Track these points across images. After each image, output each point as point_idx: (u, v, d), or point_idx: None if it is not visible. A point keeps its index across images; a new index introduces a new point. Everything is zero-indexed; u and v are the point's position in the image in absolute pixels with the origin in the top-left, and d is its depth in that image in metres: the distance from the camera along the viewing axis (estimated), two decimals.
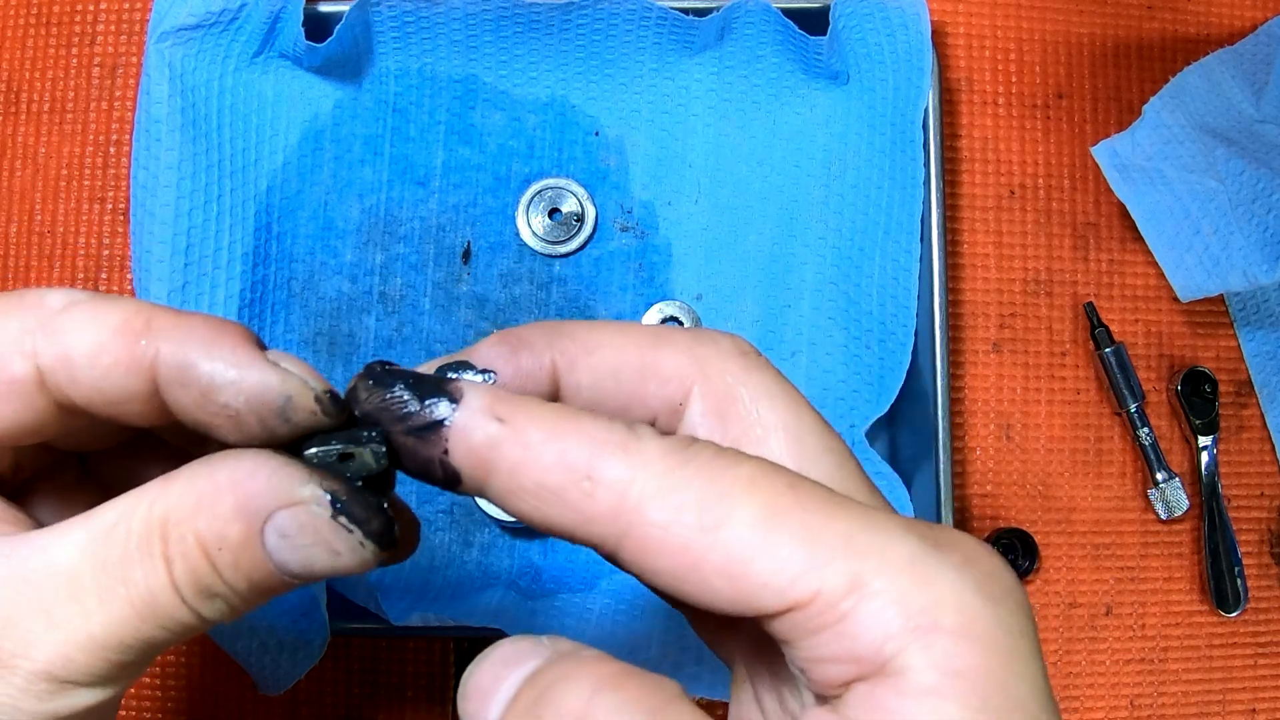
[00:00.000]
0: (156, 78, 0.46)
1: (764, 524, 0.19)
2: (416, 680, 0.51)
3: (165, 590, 0.22)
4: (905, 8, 0.47)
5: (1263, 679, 0.54)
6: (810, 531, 0.19)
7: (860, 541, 0.19)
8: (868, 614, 0.18)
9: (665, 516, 0.19)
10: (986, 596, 0.19)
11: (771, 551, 0.19)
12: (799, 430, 0.23)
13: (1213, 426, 0.53)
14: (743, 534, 0.19)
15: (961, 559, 0.19)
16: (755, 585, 0.19)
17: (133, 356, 0.22)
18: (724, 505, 0.19)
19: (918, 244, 0.47)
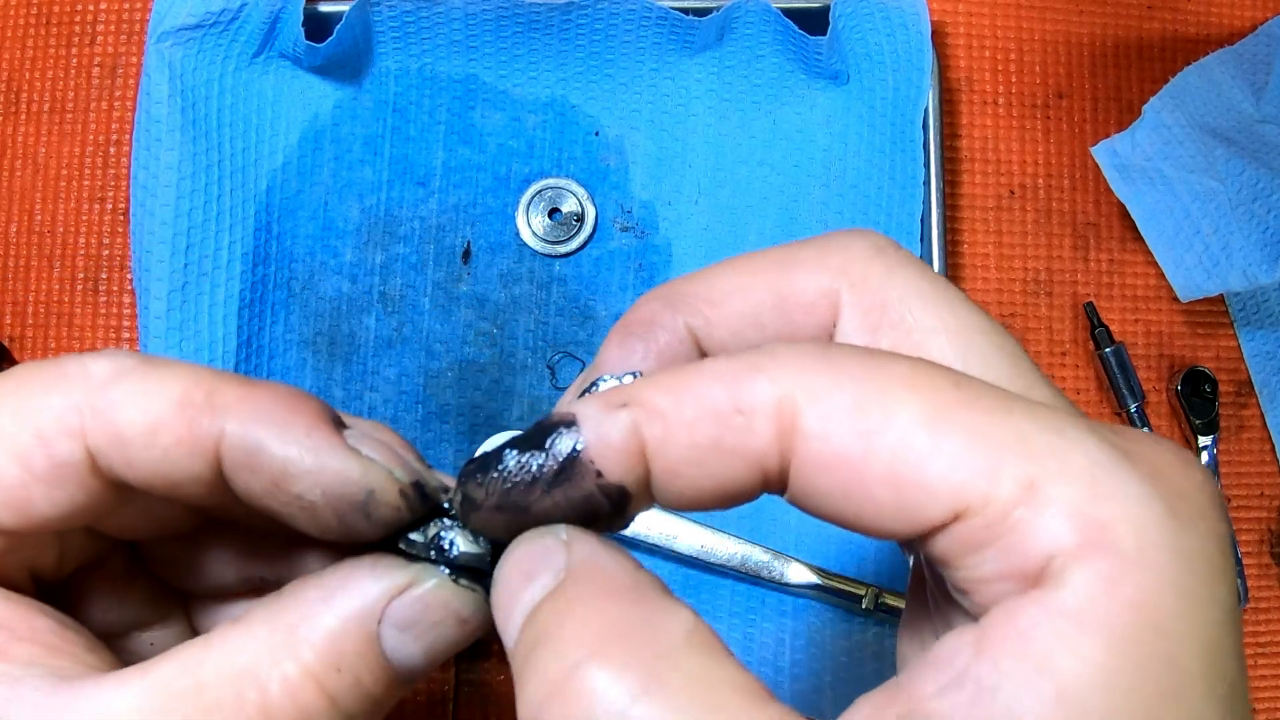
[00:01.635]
0: (156, 78, 0.46)
1: (928, 425, 0.16)
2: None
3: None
4: (905, 8, 0.47)
5: (1263, 679, 0.54)
6: (980, 432, 0.16)
7: (1038, 443, 0.16)
8: (1039, 525, 0.16)
9: (823, 425, 0.17)
10: (1174, 517, 0.16)
11: (938, 454, 0.16)
12: (961, 329, 0.20)
13: (1213, 426, 0.53)
14: (905, 437, 0.16)
15: (1151, 470, 0.16)
16: (923, 493, 0.16)
17: (195, 435, 0.19)
18: (882, 406, 0.17)
19: (918, 244, 0.47)
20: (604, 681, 0.16)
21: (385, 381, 0.50)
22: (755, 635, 0.47)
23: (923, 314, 0.20)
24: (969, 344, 0.19)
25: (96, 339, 0.52)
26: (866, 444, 0.17)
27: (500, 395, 0.51)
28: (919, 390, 0.17)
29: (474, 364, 0.51)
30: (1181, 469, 0.17)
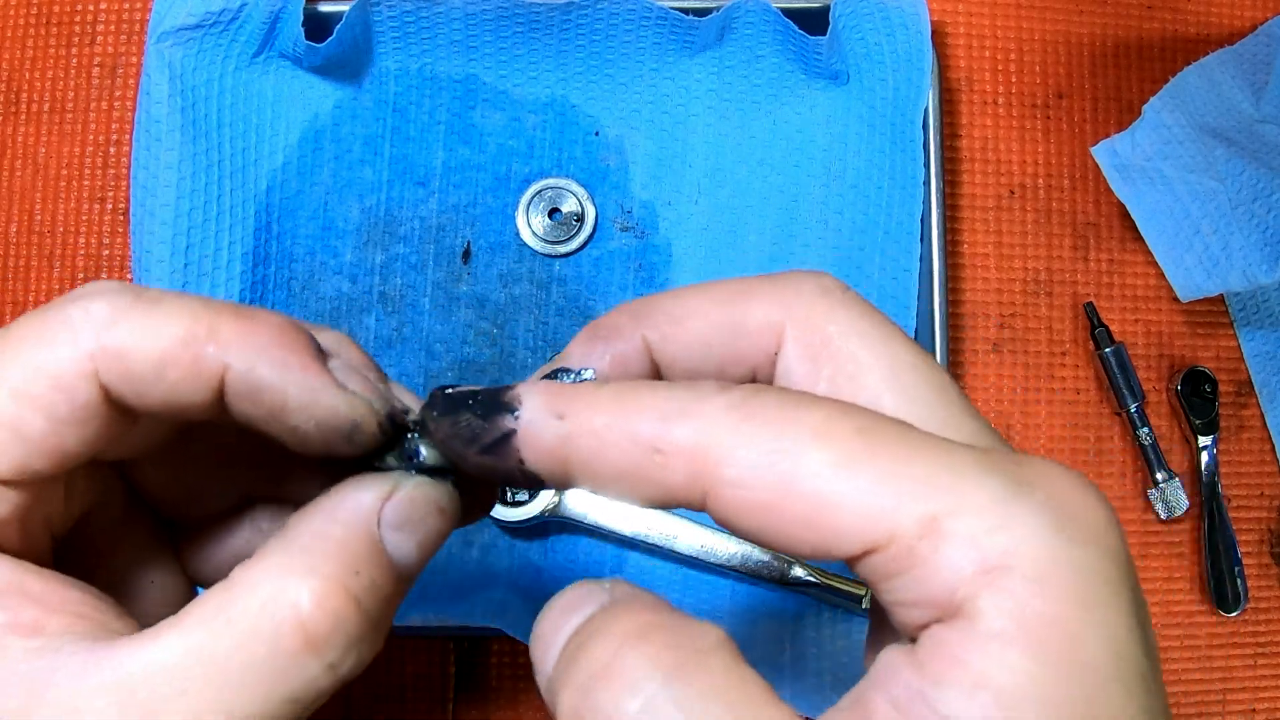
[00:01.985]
0: (156, 78, 0.46)
1: (835, 472, 0.18)
2: (416, 680, 0.51)
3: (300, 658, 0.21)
4: (905, 8, 0.47)
5: (1263, 679, 0.54)
6: (884, 475, 0.18)
7: (938, 482, 0.18)
8: (942, 557, 0.18)
9: (738, 474, 0.19)
10: (1068, 539, 0.18)
11: (845, 498, 0.18)
12: (893, 364, 0.21)
13: (1213, 426, 0.53)
14: (816, 484, 0.18)
15: (1046, 497, 0.18)
16: (832, 532, 0.18)
17: (200, 369, 0.22)
18: (794, 457, 0.19)
19: (918, 244, 0.47)
20: (642, 663, 0.18)
21: None
22: (755, 635, 0.47)
23: (859, 349, 0.22)
24: (899, 378, 0.21)
25: None
26: (780, 491, 0.19)
27: None
28: (830, 438, 0.19)
29: (474, 364, 0.51)
30: (1077, 495, 0.19)
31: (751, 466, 0.19)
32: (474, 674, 0.51)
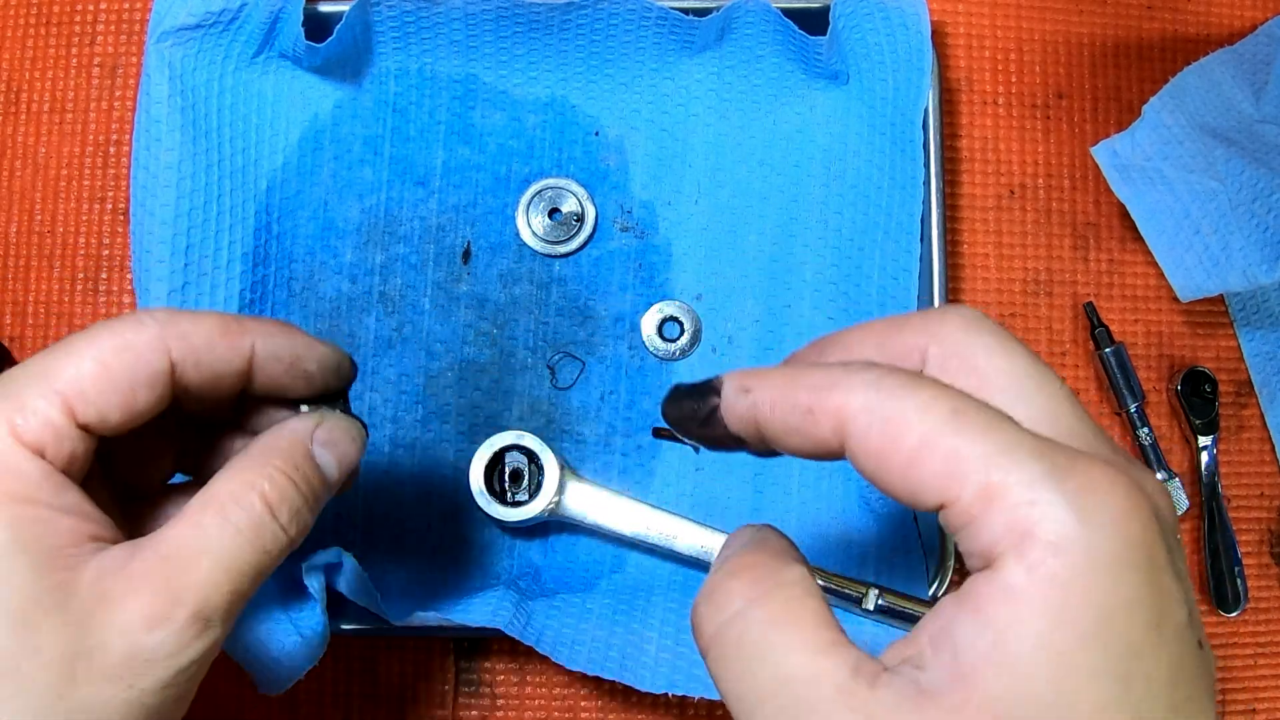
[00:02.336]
0: (156, 78, 0.46)
1: (925, 439, 0.24)
2: (416, 680, 0.51)
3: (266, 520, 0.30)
4: (905, 8, 0.47)
5: (1263, 679, 0.54)
6: (960, 447, 0.23)
7: (997, 461, 0.23)
8: (987, 521, 0.23)
9: (862, 431, 0.25)
10: (1083, 520, 0.22)
11: (929, 460, 0.24)
12: (1012, 373, 0.26)
13: (1213, 426, 0.53)
14: (911, 443, 0.24)
15: (1077, 486, 0.23)
16: (919, 486, 0.24)
17: (237, 345, 0.31)
18: (900, 422, 0.24)
19: (918, 244, 0.47)
20: (733, 589, 0.26)
21: (385, 382, 0.50)
22: None
23: (984, 361, 0.27)
24: (1017, 383, 0.26)
25: None
26: (888, 447, 0.24)
27: (500, 395, 0.51)
28: (929, 411, 0.24)
29: (474, 364, 0.51)
30: (1107, 486, 0.23)
31: (871, 425, 0.24)
32: (474, 674, 0.51)
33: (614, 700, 0.51)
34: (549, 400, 0.51)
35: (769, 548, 0.28)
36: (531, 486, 0.47)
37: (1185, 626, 0.23)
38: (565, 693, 0.51)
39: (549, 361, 0.51)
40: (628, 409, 0.51)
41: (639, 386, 0.51)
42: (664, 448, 0.51)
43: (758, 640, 0.25)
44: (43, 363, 0.29)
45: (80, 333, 0.30)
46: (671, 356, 0.51)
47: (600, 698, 0.51)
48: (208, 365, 0.31)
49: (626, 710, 0.51)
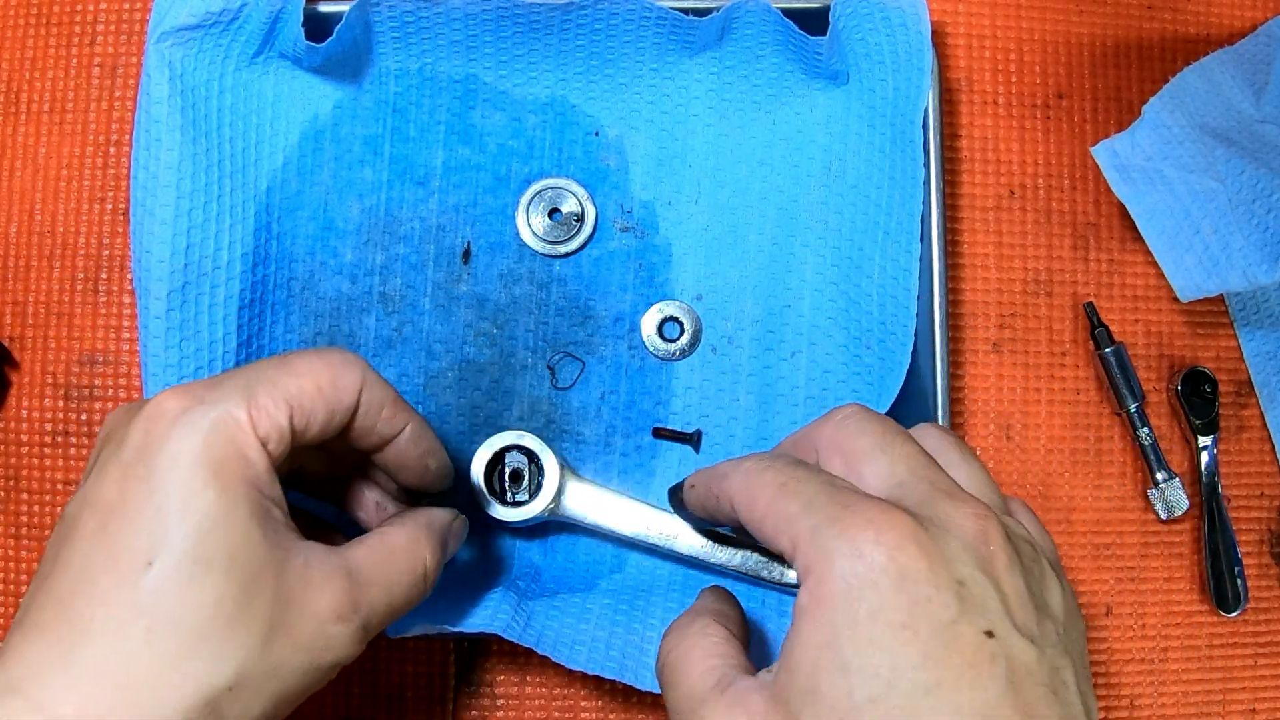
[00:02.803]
0: (156, 78, 0.46)
1: (766, 510, 0.33)
2: (416, 680, 0.51)
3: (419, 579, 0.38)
4: (905, 8, 0.47)
5: (1263, 679, 0.54)
6: (781, 514, 0.33)
7: (798, 520, 0.32)
8: (796, 562, 0.31)
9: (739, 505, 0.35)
10: (839, 554, 0.30)
11: (768, 524, 0.33)
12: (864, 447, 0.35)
13: (1213, 426, 0.53)
14: (760, 513, 0.33)
15: (841, 530, 0.30)
16: (771, 541, 0.33)
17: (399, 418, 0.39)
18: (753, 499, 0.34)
19: (918, 244, 0.47)
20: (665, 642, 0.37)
21: None
22: (755, 635, 0.47)
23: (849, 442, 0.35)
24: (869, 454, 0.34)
25: (96, 339, 0.52)
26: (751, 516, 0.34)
27: (500, 395, 0.51)
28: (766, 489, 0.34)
29: (474, 364, 0.51)
30: (863, 527, 0.30)
31: (740, 501, 0.35)
32: (474, 674, 0.51)
33: (614, 700, 0.51)
34: (549, 400, 0.51)
35: (696, 608, 0.38)
36: (531, 486, 0.47)
37: (953, 621, 0.29)
38: (565, 693, 0.51)
39: (549, 361, 0.51)
40: (628, 409, 0.51)
41: (639, 386, 0.51)
42: (664, 448, 0.51)
43: (672, 671, 0.35)
44: (270, 372, 0.34)
45: (297, 355, 0.36)
46: (671, 356, 0.51)
47: (600, 698, 0.51)
48: (373, 420, 0.37)
49: (626, 710, 0.51)
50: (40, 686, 0.30)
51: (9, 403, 0.52)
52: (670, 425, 0.51)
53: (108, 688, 0.30)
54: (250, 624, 0.32)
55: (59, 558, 0.32)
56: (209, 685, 0.31)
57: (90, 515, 0.32)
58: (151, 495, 0.31)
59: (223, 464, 0.32)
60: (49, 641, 0.30)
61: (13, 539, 0.51)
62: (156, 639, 0.30)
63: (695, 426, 0.51)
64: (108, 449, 0.33)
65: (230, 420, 0.33)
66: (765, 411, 0.51)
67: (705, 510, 0.39)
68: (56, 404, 0.52)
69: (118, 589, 0.30)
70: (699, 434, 0.51)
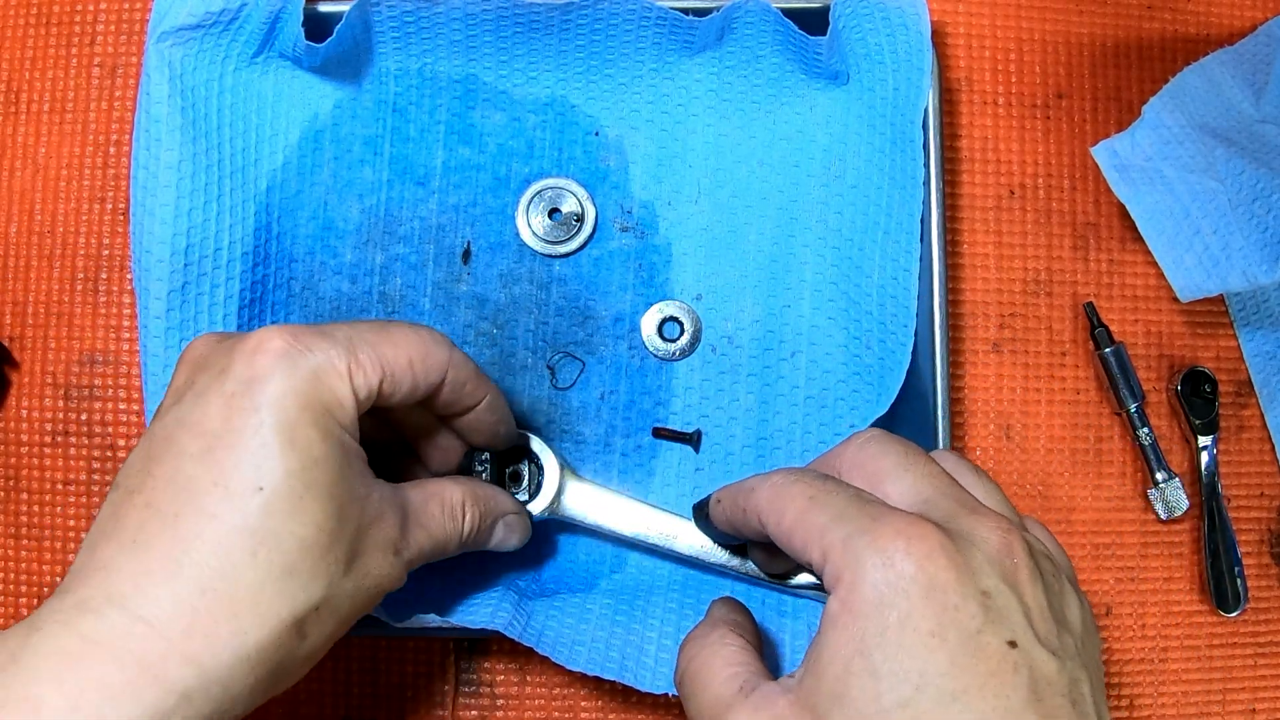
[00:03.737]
0: (156, 78, 0.46)
1: (795, 521, 0.35)
2: (416, 680, 0.51)
3: (456, 532, 0.41)
4: (905, 8, 0.47)
5: (1263, 679, 0.54)
6: (811, 525, 0.34)
7: (829, 530, 0.33)
8: (826, 571, 0.33)
9: (766, 518, 0.37)
10: (871, 564, 0.31)
11: (797, 536, 0.35)
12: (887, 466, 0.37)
13: (1213, 426, 0.53)
14: (789, 525, 0.35)
15: (871, 540, 0.32)
16: (799, 553, 0.35)
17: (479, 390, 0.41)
18: (782, 512, 0.35)
19: (918, 244, 0.47)
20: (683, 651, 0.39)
21: None
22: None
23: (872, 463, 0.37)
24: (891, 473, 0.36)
25: (96, 339, 0.52)
26: (779, 528, 0.36)
27: None
28: (796, 501, 0.35)
29: None
30: (893, 538, 0.32)
31: (769, 514, 0.36)
32: (474, 674, 0.51)
33: (614, 700, 0.51)
34: (549, 400, 0.51)
35: (712, 619, 0.40)
36: (531, 487, 0.47)
37: (978, 631, 0.30)
38: (565, 693, 0.51)
39: (549, 361, 0.51)
40: (628, 409, 0.51)
41: (639, 386, 0.51)
42: (664, 448, 0.51)
43: (693, 680, 0.36)
44: (371, 335, 0.36)
45: (395, 325, 0.38)
46: (671, 356, 0.51)
47: (600, 698, 0.51)
48: (457, 394, 0.40)
49: (626, 710, 0.51)
50: (144, 599, 0.31)
51: (9, 403, 0.52)
52: (670, 425, 0.51)
53: (211, 602, 0.32)
54: (339, 551, 0.34)
55: (153, 473, 0.33)
56: (303, 603, 0.33)
57: (192, 438, 0.33)
58: (260, 427, 0.33)
59: (323, 406, 0.34)
60: (152, 555, 0.32)
61: (13, 539, 0.51)
62: (261, 559, 0.32)
63: (695, 426, 0.51)
64: (205, 376, 0.35)
65: (332, 369, 0.35)
66: (765, 411, 0.51)
67: (731, 525, 0.40)
68: (56, 404, 0.52)
69: (228, 510, 0.32)
70: (699, 434, 0.51)
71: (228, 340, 0.36)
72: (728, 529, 0.41)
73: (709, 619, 0.40)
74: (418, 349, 0.38)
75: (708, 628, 0.38)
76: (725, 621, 0.39)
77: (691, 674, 0.37)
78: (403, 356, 0.37)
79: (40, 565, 0.51)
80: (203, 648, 0.31)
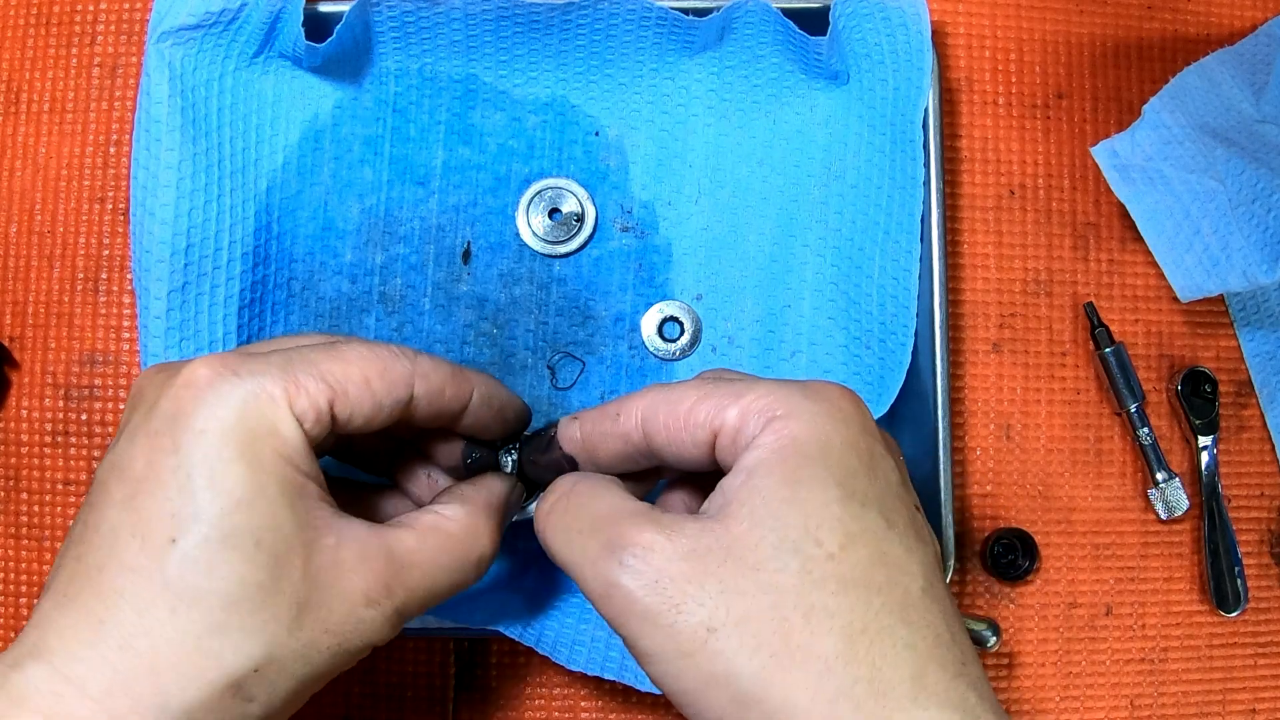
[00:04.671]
0: (156, 78, 0.46)
1: (700, 399, 0.34)
2: (416, 680, 0.51)
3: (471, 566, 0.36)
4: (905, 8, 0.47)
5: (1263, 679, 0.54)
6: (724, 393, 0.33)
7: (750, 390, 0.33)
8: (746, 425, 0.32)
9: (652, 414, 0.35)
10: (815, 407, 0.32)
11: (702, 410, 0.33)
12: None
13: (1213, 426, 0.53)
14: (689, 406, 0.34)
15: (813, 392, 0.33)
16: (696, 431, 0.34)
17: (461, 392, 0.37)
18: (679, 397, 0.34)
19: (918, 244, 0.47)
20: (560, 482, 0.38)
21: None
22: None
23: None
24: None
25: (96, 339, 0.52)
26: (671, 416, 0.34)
27: None
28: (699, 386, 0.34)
29: (474, 364, 0.51)
30: (837, 395, 0.33)
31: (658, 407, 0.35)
32: (474, 674, 0.51)
33: (614, 700, 0.51)
34: (549, 400, 0.51)
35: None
36: None
37: (898, 483, 0.33)
38: (565, 693, 0.51)
39: (549, 361, 0.51)
40: None
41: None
42: None
43: (586, 494, 0.35)
44: (313, 356, 0.33)
45: (345, 342, 0.35)
46: (671, 356, 0.51)
47: (600, 698, 0.51)
48: (436, 404, 0.36)
49: (626, 710, 0.51)
50: (66, 656, 0.30)
51: (9, 403, 0.52)
52: None
53: (132, 662, 0.30)
54: (277, 605, 0.31)
55: (88, 523, 0.32)
56: (235, 665, 0.30)
57: (118, 483, 0.31)
58: (178, 468, 0.31)
59: (253, 439, 0.31)
60: (78, 610, 0.30)
61: (13, 539, 0.51)
62: (180, 616, 0.30)
63: None
64: (137, 414, 0.33)
65: (264, 395, 0.32)
66: None
67: (587, 443, 0.37)
68: (56, 404, 0.52)
69: (145, 563, 0.30)
70: None
71: (164, 371, 0.33)
72: (577, 450, 0.38)
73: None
74: (374, 365, 0.34)
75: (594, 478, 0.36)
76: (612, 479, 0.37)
77: (579, 492, 0.35)
78: (354, 374, 0.34)
79: (40, 565, 0.51)
80: (126, 709, 0.29)
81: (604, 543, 0.32)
